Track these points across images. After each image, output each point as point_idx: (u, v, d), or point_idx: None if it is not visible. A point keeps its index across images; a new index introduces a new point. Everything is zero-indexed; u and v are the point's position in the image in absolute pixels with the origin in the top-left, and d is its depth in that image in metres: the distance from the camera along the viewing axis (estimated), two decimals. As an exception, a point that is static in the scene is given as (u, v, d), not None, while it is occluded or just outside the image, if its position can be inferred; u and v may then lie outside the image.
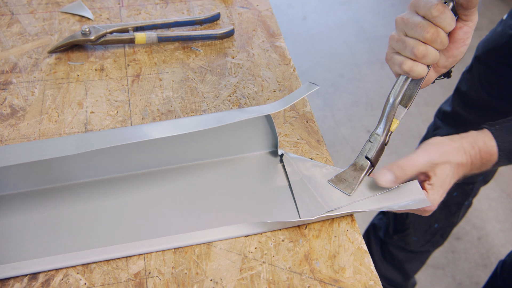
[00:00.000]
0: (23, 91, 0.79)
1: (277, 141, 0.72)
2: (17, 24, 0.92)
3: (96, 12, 0.95)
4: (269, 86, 0.83)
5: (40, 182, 0.67)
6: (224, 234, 0.63)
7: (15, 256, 0.60)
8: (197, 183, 0.69)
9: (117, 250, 0.61)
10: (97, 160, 0.67)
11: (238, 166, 0.72)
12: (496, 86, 1.01)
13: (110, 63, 0.85)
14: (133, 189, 0.68)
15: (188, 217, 0.65)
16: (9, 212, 0.65)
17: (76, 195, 0.67)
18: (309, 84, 0.70)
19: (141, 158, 0.69)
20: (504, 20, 1.00)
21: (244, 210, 0.66)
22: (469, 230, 1.81)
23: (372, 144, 0.68)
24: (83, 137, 0.63)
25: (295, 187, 0.68)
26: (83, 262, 0.60)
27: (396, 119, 0.67)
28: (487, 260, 1.73)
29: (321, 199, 0.66)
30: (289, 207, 0.67)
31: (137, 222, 0.64)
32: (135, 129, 0.65)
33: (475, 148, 0.65)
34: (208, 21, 0.93)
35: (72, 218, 0.65)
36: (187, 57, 0.87)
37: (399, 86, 0.64)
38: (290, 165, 0.71)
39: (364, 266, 0.61)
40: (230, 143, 0.72)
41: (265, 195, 0.68)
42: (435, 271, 1.70)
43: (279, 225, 0.63)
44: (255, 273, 0.60)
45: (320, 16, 2.72)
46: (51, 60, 0.85)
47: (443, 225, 1.31)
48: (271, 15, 0.97)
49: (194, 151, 0.71)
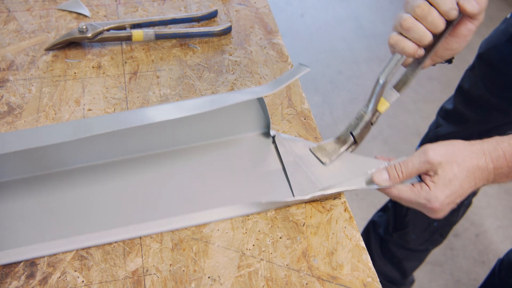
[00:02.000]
0: (20, 88, 0.79)
1: (269, 122, 0.73)
2: (14, 22, 0.91)
3: (93, 10, 0.95)
4: (266, 83, 0.82)
5: (36, 169, 0.68)
6: (220, 215, 0.64)
7: (13, 243, 0.61)
8: (191, 166, 0.70)
9: (115, 234, 0.62)
10: (92, 146, 0.68)
11: (231, 148, 0.73)
12: (498, 84, 1.01)
13: (107, 61, 0.85)
14: (128, 174, 0.69)
15: (184, 199, 0.66)
16: (5, 199, 0.65)
17: (72, 180, 0.68)
18: (300, 65, 0.70)
19: (134, 143, 0.70)
20: (507, 19, 1.00)
21: (239, 191, 0.67)
22: (468, 227, 1.81)
23: (358, 121, 0.69)
24: (79, 123, 0.63)
25: (288, 167, 0.69)
26: (82, 247, 0.61)
27: (387, 101, 0.67)
28: (485, 257, 1.73)
29: (314, 178, 0.67)
30: (283, 187, 0.67)
31: (133, 206, 0.65)
32: (128, 114, 0.65)
33: (498, 150, 0.61)
34: (206, 18, 0.93)
35: (69, 204, 0.65)
36: (185, 54, 0.87)
37: (389, 66, 0.64)
38: (282, 145, 0.72)
39: (362, 263, 0.61)
40: (222, 125, 0.72)
41: (259, 176, 0.69)
42: (434, 268, 1.70)
43: (274, 205, 0.65)
44: (253, 270, 0.60)
45: (319, 13, 2.71)
46: (48, 58, 0.85)
47: (443, 224, 1.31)
48: (269, 12, 0.96)
49: (187, 134, 0.72)
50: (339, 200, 0.67)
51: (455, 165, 0.61)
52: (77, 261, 0.60)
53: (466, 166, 0.61)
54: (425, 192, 0.62)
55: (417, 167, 0.63)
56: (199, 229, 0.63)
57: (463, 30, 0.63)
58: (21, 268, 0.59)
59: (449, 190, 0.61)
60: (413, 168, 0.63)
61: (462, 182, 0.61)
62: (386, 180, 0.64)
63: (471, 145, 0.62)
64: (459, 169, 0.61)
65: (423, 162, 0.62)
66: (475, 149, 0.62)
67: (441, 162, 0.61)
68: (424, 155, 0.62)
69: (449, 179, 0.61)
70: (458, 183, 0.61)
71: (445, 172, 0.61)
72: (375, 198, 1.87)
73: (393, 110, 2.16)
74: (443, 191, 0.61)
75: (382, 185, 0.64)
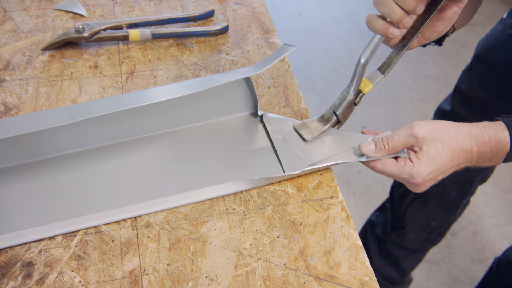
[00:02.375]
0: (16, 88, 0.79)
1: (256, 102, 0.75)
2: (10, 22, 0.91)
3: (90, 9, 0.95)
4: (263, 82, 0.83)
5: (31, 155, 0.69)
6: (213, 192, 0.66)
7: (11, 227, 0.62)
8: (183, 148, 0.72)
9: (112, 215, 0.63)
10: (85, 130, 0.69)
11: (221, 129, 0.75)
12: (495, 85, 1.01)
13: (104, 60, 0.85)
14: (120, 156, 0.71)
15: (177, 180, 0.68)
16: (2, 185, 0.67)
17: (67, 165, 0.69)
18: (285, 45, 0.72)
19: (125, 127, 0.72)
20: (504, 19, 1.00)
21: (230, 170, 0.69)
22: (465, 226, 1.82)
23: (341, 101, 0.71)
24: (70, 108, 0.65)
25: (277, 145, 0.71)
26: (80, 228, 0.62)
27: (371, 82, 0.70)
28: (482, 255, 1.74)
29: (303, 154, 0.69)
30: (273, 164, 0.70)
31: (127, 188, 0.67)
32: (118, 98, 0.67)
33: (484, 135, 0.63)
34: (202, 17, 0.93)
35: (65, 188, 0.67)
36: (181, 54, 0.87)
37: (369, 46, 0.66)
38: (270, 124, 0.74)
39: (359, 262, 0.61)
40: (211, 107, 0.74)
41: (250, 155, 0.71)
42: (431, 267, 1.70)
43: (266, 181, 0.67)
44: (250, 270, 0.60)
45: (316, 12, 2.71)
46: (45, 58, 0.85)
47: (441, 223, 1.31)
48: (266, 11, 0.96)
49: (177, 117, 0.74)
50: (336, 199, 0.67)
51: (440, 143, 0.63)
52: (74, 261, 0.60)
53: (450, 145, 0.63)
54: (408, 168, 0.64)
55: (403, 140, 0.64)
56: (196, 228, 0.63)
57: (449, 13, 0.65)
58: (18, 268, 0.59)
59: (432, 167, 0.63)
60: (399, 141, 0.65)
61: (445, 160, 0.63)
62: (373, 151, 0.66)
63: (459, 126, 0.64)
64: (443, 148, 0.63)
65: (408, 136, 0.64)
66: (462, 131, 0.64)
67: (425, 137, 0.63)
68: (410, 129, 0.64)
69: (432, 155, 0.63)
70: (441, 161, 0.63)
71: (429, 149, 0.63)
72: (373, 197, 1.87)
73: (390, 109, 2.17)
74: (426, 168, 0.63)
75: (369, 156, 0.66)
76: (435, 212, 1.27)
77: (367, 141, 0.67)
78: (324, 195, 0.68)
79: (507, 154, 0.64)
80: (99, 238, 0.62)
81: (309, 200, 0.67)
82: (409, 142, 0.64)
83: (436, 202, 1.24)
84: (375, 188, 1.90)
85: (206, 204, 0.66)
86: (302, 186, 0.68)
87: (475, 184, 1.24)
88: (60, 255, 0.60)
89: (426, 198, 1.24)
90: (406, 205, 1.28)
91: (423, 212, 1.27)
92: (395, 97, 2.25)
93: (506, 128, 0.64)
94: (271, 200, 0.67)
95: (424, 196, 1.24)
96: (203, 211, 0.65)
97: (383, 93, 2.26)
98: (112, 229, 0.63)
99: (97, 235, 0.62)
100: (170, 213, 0.65)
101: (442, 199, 1.24)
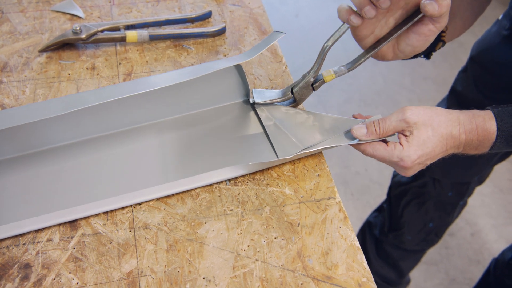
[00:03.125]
0: (13, 90, 0.79)
1: (248, 90, 0.76)
2: (8, 23, 0.91)
3: (87, 11, 0.95)
4: (261, 83, 0.83)
5: (27, 147, 0.70)
6: (209, 179, 0.67)
7: (9, 218, 0.63)
8: (177, 137, 0.73)
9: (109, 203, 0.64)
10: (78, 120, 0.70)
11: (213, 117, 0.76)
12: (491, 86, 1.01)
13: (102, 62, 0.85)
14: (115, 147, 0.72)
15: (172, 168, 0.69)
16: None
17: (64, 155, 0.71)
18: (275, 32, 0.74)
19: (118, 117, 0.73)
20: (499, 21, 1.00)
21: (224, 157, 0.71)
22: (462, 226, 1.82)
23: (300, 80, 0.73)
24: (68, 98, 0.66)
25: (270, 131, 0.73)
26: (78, 217, 0.63)
27: (334, 74, 0.72)
28: (480, 256, 1.74)
29: (295, 139, 0.71)
30: (266, 149, 0.71)
31: (123, 177, 0.68)
32: (112, 88, 0.69)
33: (473, 123, 0.65)
34: (200, 19, 0.93)
35: (63, 178, 0.68)
36: (179, 55, 0.87)
37: (335, 33, 0.69)
38: (262, 111, 0.75)
39: (357, 263, 0.61)
40: (204, 95, 0.76)
41: (243, 141, 0.73)
42: (429, 267, 1.70)
43: (260, 166, 0.68)
44: (248, 271, 0.60)
45: (313, 12, 2.71)
46: (42, 59, 0.85)
47: (438, 224, 1.31)
48: (263, 12, 0.97)
49: (170, 106, 0.75)
50: (334, 200, 0.67)
51: (430, 128, 0.64)
52: (71, 263, 0.60)
53: (440, 131, 0.64)
54: (398, 151, 0.65)
55: (394, 124, 0.65)
56: (194, 230, 0.63)
57: (424, 29, 0.66)
58: (16, 270, 0.59)
59: (422, 151, 0.64)
60: (390, 125, 0.65)
61: (434, 145, 0.64)
62: (364, 134, 0.67)
63: (449, 113, 0.66)
64: (433, 133, 0.64)
65: (400, 120, 0.65)
66: (452, 117, 0.65)
67: (416, 122, 0.64)
68: (402, 114, 0.65)
69: (423, 140, 0.64)
70: (431, 145, 0.64)
71: (420, 133, 0.64)
72: (370, 198, 1.87)
73: (388, 110, 2.17)
74: (416, 151, 0.64)
75: (361, 139, 0.67)
76: (432, 213, 1.27)
77: (359, 125, 0.68)
78: (322, 196, 0.68)
79: (493, 144, 0.66)
80: (96, 239, 0.62)
81: (306, 201, 0.67)
82: (400, 126, 0.65)
83: (433, 203, 1.25)
84: (373, 189, 1.90)
85: (204, 205, 0.66)
86: (299, 187, 0.69)
87: (472, 185, 1.25)
88: (57, 257, 0.60)
89: (423, 199, 1.25)
90: (403, 206, 1.28)
91: (420, 213, 1.27)
92: (393, 98, 2.25)
93: (493, 118, 0.65)
94: (268, 201, 0.67)
95: (421, 197, 1.25)
96: (200, 212, 0.65)
97: (380, 94, 2.26)
98: (110, 230, 0.63)
99: (95, 237, 0.62)
100: (167, 215, 0.65)
101: (439, 200, 1.24)
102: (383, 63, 2.41)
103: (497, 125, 0.64)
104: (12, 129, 0.66)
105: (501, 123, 0.65)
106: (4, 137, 0.67)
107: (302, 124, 0.73)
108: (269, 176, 0.70)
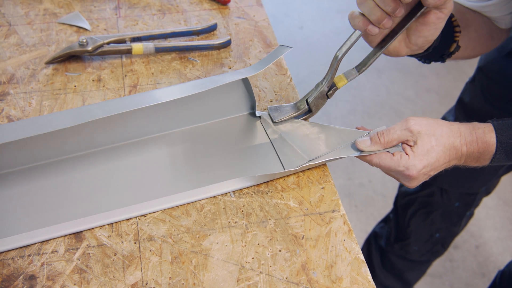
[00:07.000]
0: (20, 102, 0.80)
1: (254, 103, 0.77)
2: (15, 35, 0.92)
3: (94, 23, 0.95)
4: (266, 96, 0.83)
5: (36, 158, 0.71)
6: (216, 190, 0.68)
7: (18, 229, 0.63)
8: (182, 149, 0.74)
9: (115, 215, 0.65)
10: (87, 132, 0.71)
11: (221, 129, 0.77)
12: (498, 97, 1.01)
13: (107, 74, 0.85)
14: (122, 159, 0.73)
15: (179, 179, 0.70)
16: (5, 189, 0.68)
17: (72, 167, 0.71)
18: (281, 46, 0.75)
19: (126, 129, 0.73)
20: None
21: (232, 168, 0.71)
22: (467, 239, 1.81)
23: (314, 90, 0.74)
24: (77, 110, 0.67)
25: (276, 144, 0.74)
26: (87, 228, 0.64)
27: (346, 79, 0.72)
28: (485, 268, 1.73)
29: (301, 151, 0.72)
30: (272, 161, 0.72)
31: (130, 188, 0.69)
32: (120, 101, 0.70)
33: (473, 134, 0.66)
34: (205, 31, 0.94)
35: (71, 190, 0.69)
36: (184, 67, 0.87)
37: (347, 42, 0.68)
38: (268, 124, 0.76)
39: (361, 276, 0.61)
40: (211, 108, 0.77)
41: (250, 153, 0.73)
42: (433, 280, 1.69)
43: (266, 178, 0.69)
44: (252, 284, 0.60)
45: (317, 24, 2.73)
46: (49, 71, 0.85)
47: (444, 235, 1.31)
48: (268, 25, 0.97)
49: (178, 119, 0.76)
50: (338, 213, 0.67)
51: (433, 138, 0.65)
52: (76, 274, 0.60)
53: (443, 141, 0.65)
54: (404, 160, 0.65)
55: (398, 133, 0.66)
56: (198, 242, 0.63)
57: (432, 18, 0.66)
58: (21, 282, 0.59)
59: (427, 161, 0.65)
60: (394, 134, 0.66)
61: (438, 155, 0.65)
62: (368, 146, 0.68)
63: (451, 124, 0.67)
64: (437, 143, 0.65)
65: (404, 129, 0.66)
66: (454, 129, 0.66)
67: (420, 131, 0.65)
68: (406, 124, 0.66)
69: (427, 149, 0.65)
70: (434, 155, 0.65)
71: (423, 143, 0.65)
72: (375, 210, 1.87)
73: (391, 122, 2.17)
74: (421, 161, 0.65)
75: (365, 150, 0.68)
76: (439, 224, 1.27)
77: (363, 137, 0.69)
78: (326, 209, 0.68)
79: (493, 156, 0.67)
80: (101, 251, 0.62)
81: (311, 213, 0.67)
82: (404, 136, 0.66)
83: (439, 213, 1.24)
84: (377, 201, 1.90)
85: (208, 217, 0.66)
86: (304, 199, 0.69)
87: (479, 196, 1.24)
88: (62, 268, 0.60)
89: (430, 209, 1.24)
90: (409, 215, 1.28)
91: (427, 223, 1.27)
92: (397, 110, 2.25)
93: (493, 130, 0.66)
94: (273, 214, 0.67)
95: (428, 207, 1.24)
96: (205, 224, 0.65)
97: (384, 106, 2.26)
98: (115, 242, 0.63)
99: (100, 248, 0.63)
100: (172, 227, 0.65)
101: (445, 210, 1.23)
102: (386, 75, 2.41)
103: (496, 137, 0.65)
104: (20, 142, 0.67)
105: (500, 135, 0.66)
106: (12, 150, 0.68)
107: (307, 136, 0.74)
108: (273, 188, 0.70)
